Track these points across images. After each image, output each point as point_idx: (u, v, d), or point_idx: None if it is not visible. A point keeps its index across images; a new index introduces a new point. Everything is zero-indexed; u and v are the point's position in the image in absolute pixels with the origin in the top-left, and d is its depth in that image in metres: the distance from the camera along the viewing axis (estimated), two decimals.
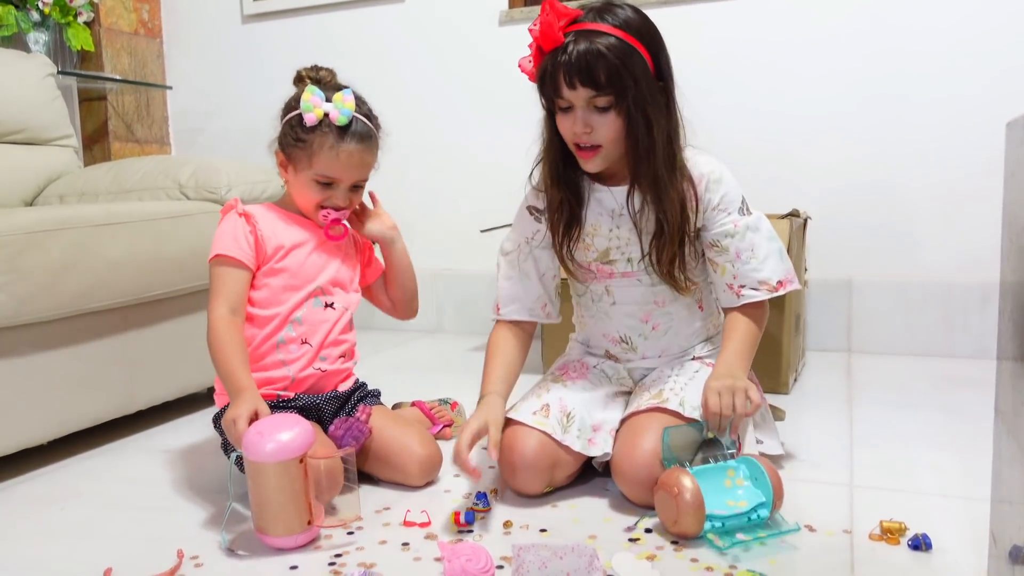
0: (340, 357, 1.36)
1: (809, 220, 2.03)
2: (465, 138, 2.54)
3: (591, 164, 1.21)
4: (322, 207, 1.31)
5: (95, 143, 2.73)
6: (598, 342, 1.37)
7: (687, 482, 1.06)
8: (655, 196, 1.21)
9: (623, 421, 1.25)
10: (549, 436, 1.20)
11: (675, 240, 1.22)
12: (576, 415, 1.24)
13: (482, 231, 2.23)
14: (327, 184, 1.29)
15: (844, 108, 2.12)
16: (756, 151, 2.19)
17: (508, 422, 1.26)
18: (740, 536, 1.06)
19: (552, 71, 1.14)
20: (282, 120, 1.32)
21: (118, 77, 2.67)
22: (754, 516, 1.09)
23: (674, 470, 1.08)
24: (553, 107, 1.19)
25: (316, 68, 1.32)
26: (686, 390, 1.24)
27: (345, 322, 1.37)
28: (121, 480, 1.41)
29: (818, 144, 2.15)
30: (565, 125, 1.19)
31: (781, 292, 1.25)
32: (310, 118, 1.26)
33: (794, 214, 1.87)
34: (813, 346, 2.19)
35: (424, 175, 2.60)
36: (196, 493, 1.32)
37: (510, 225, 1.38)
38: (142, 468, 1.46)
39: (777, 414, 1.47)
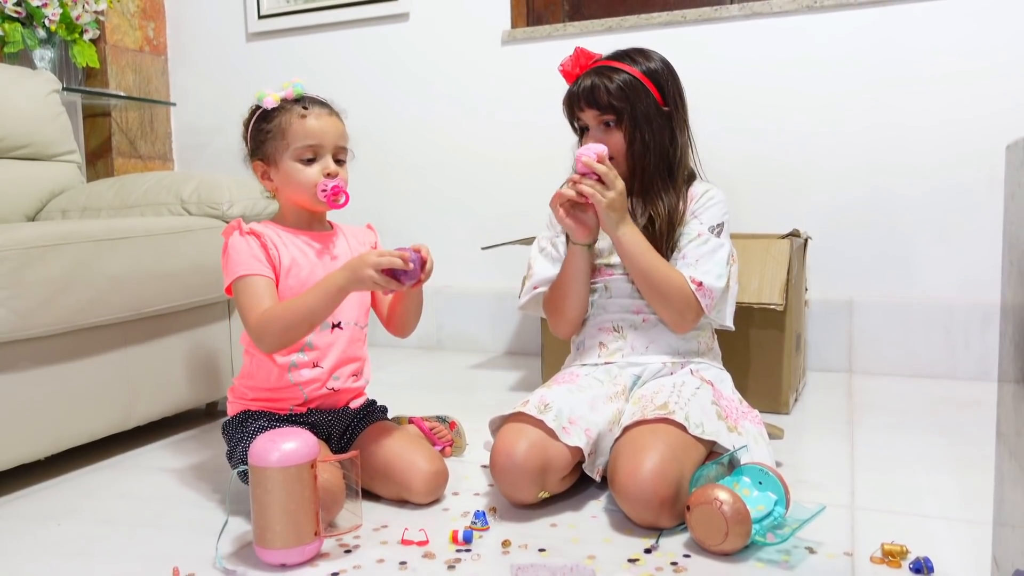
0: (352, 376, 1.36)
1: (810, 240, 2.04)
2: (466, 156, 2.55)
3: None
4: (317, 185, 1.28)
5: (98, 159, 2.74)
6: (593, 336, 1.43)
7: (726, 495, 1.05)
8: (646, 200, 1.39)
9: (626, 429, 1.25)
10: (527, 417, 1.23)
11: (657, 242, 1.37)
12: (554, 406, 1.26)
13: (483, 248, 2.24)
14: (311, 159, 1.29)
15: (845, 129, 2.13)
16: (757, 171, 2.19)
17: (495, 424, 1.34)
18: (778, 533, 1.09)
19: (568, 98, 1.40)
20: (246, 139, 1.35)
21: (122, 94, 2.69)
22: (777, 515, 1.11)
23: (706, 487, 1.08)
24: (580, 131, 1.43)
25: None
26: (690, 405, 1.25)
27: (356, 338, 1.36)
28: (118, 496, 1.40)
29: (819, 165, 2.16)
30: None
31: (696, 293, 1.33)
32: (268, 101, 1.29)
33: (795, 234, 1.88)
34: (814, 366, 2.18)
35: (425, 192, 2.61)
36: (193, 510, 1.31)
37: (511, 243, 1.45)
38: (139, 485, 1.46)
39: (774, 432, 1.47)
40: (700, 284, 1.34)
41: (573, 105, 1.39)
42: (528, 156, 2.41)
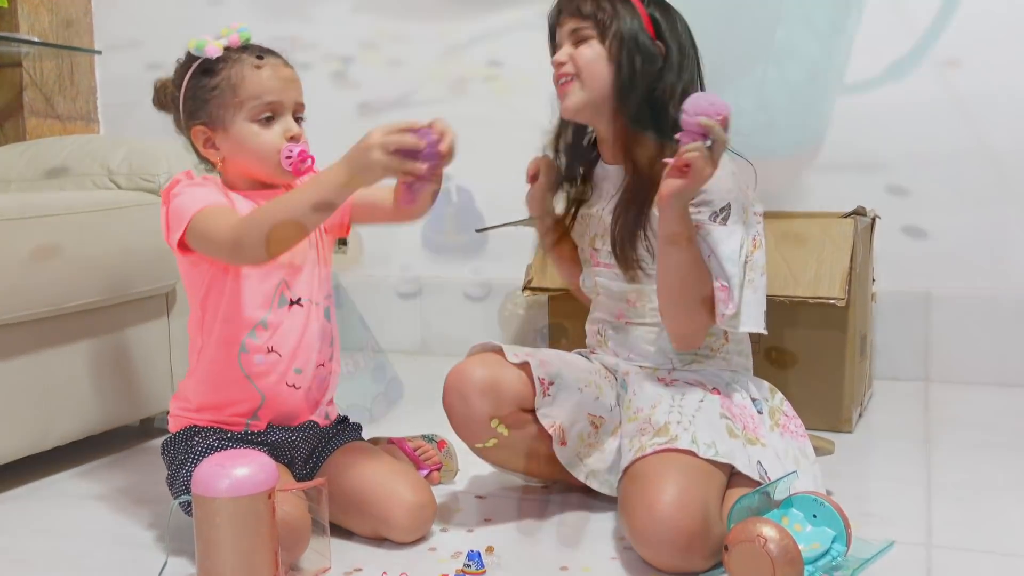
0: (320, 366, 1.35)
1: (878, 220, 2.03)
2: (468, 138, 2.55)
3: (569, 99, 1.41)
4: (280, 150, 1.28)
5: (7, 119, 2.74)
6: (590, 328, 1.56)
7: (772, 531, 1.05)
8: (628, 141, 1.39)
9: (626, 470, 1.26)
10: (488, 346, 1.40)
11: (637, 202, 1.37)
12: (522, 350, 1.38)
13: (478, 231, 2.24)
14: (270, 118, 1.28)
15: (922, 87, 2.12)
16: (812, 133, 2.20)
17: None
18: (839, 574, 1.09)
19: (548, 20, 1.45)
20: (178, 99, 1.33)
21: (36, 39, 2.68)
22: (835, 554, 1.12)
23: (747, 522, 1.08)
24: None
25: None
26: (695, 423, 1.25)
27: (319, 318, 1.35)
28: (33, 532, 1.41)
29: (891, 127, 2.16)
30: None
31: (719, 293, 1.30)
32: (211, 49, 1.28)
33: (859, 212, 1.88)
34: (882, 374, 2.19)
35: None
36: (125, 549, 1.32)
37: (509, 224, 1.64)
38: (59, 517, 1.46)
39: (822, 446, 1.47)
40: (724, 287, 1.30)
41: (553, 25, 1.43)
42: (529, 138, 2.41)
